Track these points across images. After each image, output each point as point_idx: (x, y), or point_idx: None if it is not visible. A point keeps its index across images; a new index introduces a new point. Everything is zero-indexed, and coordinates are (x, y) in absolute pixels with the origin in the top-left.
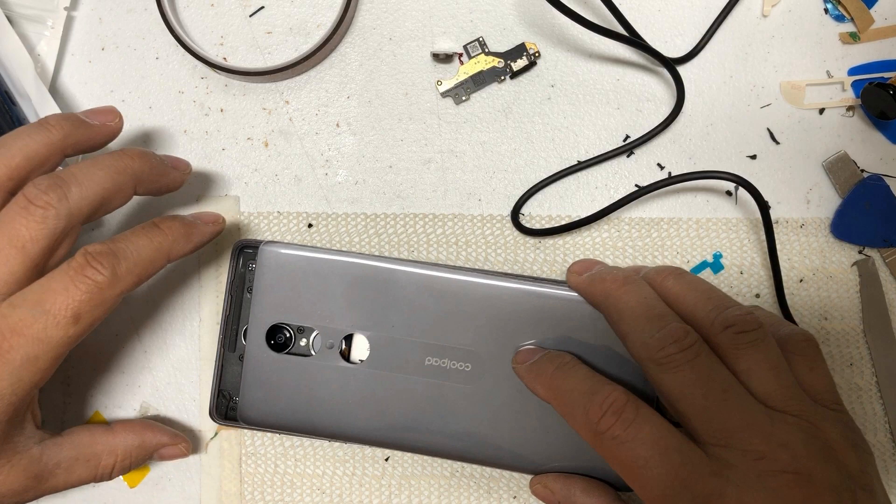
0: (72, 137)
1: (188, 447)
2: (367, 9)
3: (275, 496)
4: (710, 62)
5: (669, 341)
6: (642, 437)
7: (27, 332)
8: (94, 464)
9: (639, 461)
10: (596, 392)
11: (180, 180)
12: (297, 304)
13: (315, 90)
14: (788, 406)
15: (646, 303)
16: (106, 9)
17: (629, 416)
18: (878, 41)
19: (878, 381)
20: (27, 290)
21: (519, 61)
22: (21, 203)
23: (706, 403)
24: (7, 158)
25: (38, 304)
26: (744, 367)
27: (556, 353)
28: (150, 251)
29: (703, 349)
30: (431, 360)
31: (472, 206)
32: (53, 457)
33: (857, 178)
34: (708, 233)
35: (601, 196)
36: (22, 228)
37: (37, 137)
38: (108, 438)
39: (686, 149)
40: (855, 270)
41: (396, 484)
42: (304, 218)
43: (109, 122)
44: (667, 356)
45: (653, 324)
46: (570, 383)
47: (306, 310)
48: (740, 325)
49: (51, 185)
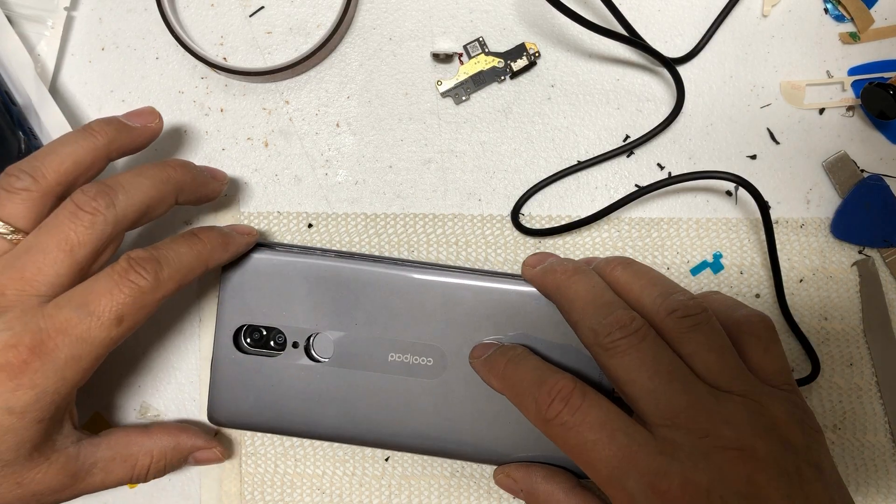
0: (116, 142)
1: (223, 452)
2: (367, 9)
3: (275, 496)
4: (710, 62)
5: (616, 327)
6: (589, 420)
7: (72, 331)
8: (131, 464)
9: (587, 444)
10: (544, 381)
11: (219, 190)
12: (262, 306)
13: (315, 90)
14: (733, 386)
15: (594, 291)
16: (106, 9)
17: (576, 401)
18: (878, 41)
19: (878, 381)
20: (72, 292)
21: (519, 61)
22: (70, 209)
23: (652, 385)
24: (56, 164)
25: (83, 305)
26: (688, 350)
27: (509, 346)
28: (190, 258)
29: (649, 333)
30: (395, 355)
31: (472, 206)
32: (90, 456)
33: (857, 178)
34: (708, 233)
35: (601, 196)
36: (71, 233)
37: (83, 143)
38: (144, 440)
39: (686, 149)
40: (855, 270)
41: (396, 484)
42: (304, 218)
43: (150, 123)
44: (613, 341)
45: (600, 311)
46: (520, 374)
47: (271, 311)
48: (683, 310)
49: (99, 192)
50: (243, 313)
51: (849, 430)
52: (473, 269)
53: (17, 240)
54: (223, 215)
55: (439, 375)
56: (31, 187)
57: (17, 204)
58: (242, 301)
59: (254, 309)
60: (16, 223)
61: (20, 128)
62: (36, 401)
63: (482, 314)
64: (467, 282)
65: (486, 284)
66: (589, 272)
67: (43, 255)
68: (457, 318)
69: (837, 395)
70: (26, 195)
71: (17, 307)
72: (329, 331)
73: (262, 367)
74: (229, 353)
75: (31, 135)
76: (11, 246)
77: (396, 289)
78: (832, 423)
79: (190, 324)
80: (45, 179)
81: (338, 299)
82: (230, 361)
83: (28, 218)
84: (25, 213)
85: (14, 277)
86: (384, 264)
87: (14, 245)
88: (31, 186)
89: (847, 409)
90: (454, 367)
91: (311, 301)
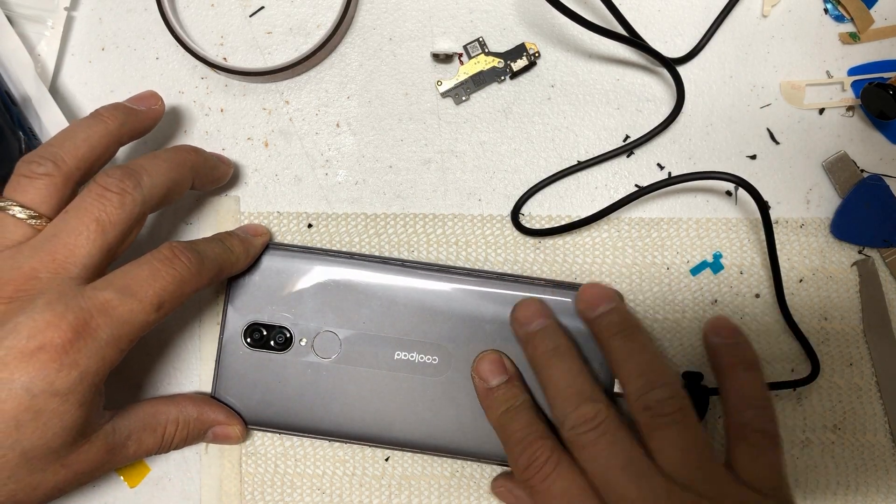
0: (126, 126)
1: (242, 431)
2: (367, 9)
3: (275, 496)
4: (710, 62)
5: (579, 421)
6: (554, 490)
7: (113, 313)
8: (160, 433)
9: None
10: (529, 444)
11: (227, 173)
12: (269, 304)
13: (315, 90)
14: (694, 483)
15: (566, 380)
16: (106, 9)
17: (547, 470)
18: (878, 41)
19: (878, 381)
20: (112, 276)
21: (519, 61)
22: (97, 191)
23: (606, 478)
24: (73, 149)
25: (126, 288)
26: (655, 446)
27: (511, 392)
28: (223, 259)
29: (610, 428)
30: (401, 354)
31: (472, 206)
32: (124, 430)
33: (856, 178)
34: (708, 233)
35: (601, 196)
36: (102, 213)
37: (96, 129)
38: (171, 408)
39: (686, 149)
40: (855, 270)
41: (396, 484)
42: (304, 218)
43: (154, 105)
44: (575, 435)
45: (569, 402)
46: (513, 427)
47: (279, 309)
48: (657, 409)
49: (125, 173)
50: (251, 311)
51: (849, 430)
52: (479, 271)
53: (39, 225)
54: (223, 215)
55: (444, 374)
56: (52, 172)
57: (39, 189)
58: (250, 299)
59: (261, 307)
60: (38, 208)
61: (20, 128)
62: (80, 381)
63: (487, 315)
64: (473, 283)
65: (491, 286)
66: (567, 353)
67: (74, 236)
68: (462, 319)
69: (837, 395)
70: (48, 180)
71: (52, 289)
72: (336, 329)
73: (270, 363)
74: (238, 349)
75: (31, 135)
76: (35, 231)
77: (403, 289)
78: (832, 423)
79: (190, 324)
80: (66, 164)
81: (345, 298)
82: (238, 357)
83: (50, 203)
84: (48, 198)
85: (45, 260)
86: (391, 265)
87: (37, 231)
88: (53, 171)
89: (847, 409)
90: (459, 366)
91: (318, 300)
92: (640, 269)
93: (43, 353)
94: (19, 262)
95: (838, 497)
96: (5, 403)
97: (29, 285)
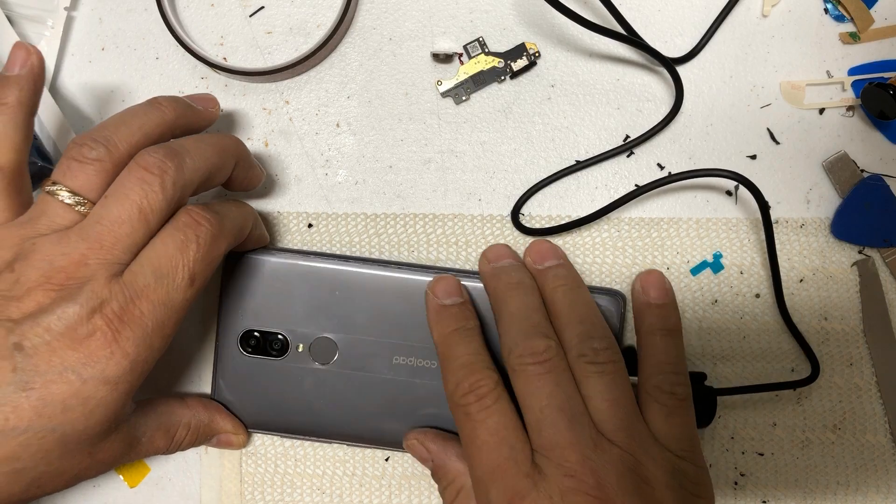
0: (182, 119)
1: (245, 440)
2: (367, 9)
3: (275, 496)
4: (710, 62)
5: (528, 352)
6: (489, 423)
7: (154, 297)
8: (171, 435)
9: (477, 441)
10: (473, 371)
11: (261, 178)
12: (265, 310)
13: (315, 90)
14: (617, 437)
15: (524, 311)
16: (106, 9)
17: (488, 402)
18: (878, 41)
19: (878, 381)
20: (143, 257)
21: (519, 61)
22: (138, 174)
23: (542, 415)
24: (127, 135)
25: (158, 269)
26: (587, 392)
27: (465, 313)
28: (241, 219)
29: (557, 367)
30: (399, 359)
31: (472, 206)
32: (142, 426)
33: (857, 178)
34: (708, 233)
35: (601, 196)
36: (144, 200)
37: (153, 116)
38: (184, 411)
39: (686, 149)
40: (855, 270)
41: (396, 484)
42: (304, 218)
43: (211, 108)
44: (522, 364)
45: (523, 332)
46: (459, 350)
47: (275, 315)
48: (591, 356)
49: (167, 154)
50: (245, 318)
51: (849, 430)
52: (475, 272)
53: (86, 212)
54: None
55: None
56: (104, 158)
57: (90, 175)
58: (245, 305)
59: (256, 313)
60: (87, 195)
61: None
62: (130, 370)
63: (484, 316)
64: (469, 284)
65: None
66: (529, 289)
67: (118, 224)
68: None
69: (837, 395)
70: (99, 166)
71: (100, 276)
72: (333, 334)
73: (267, 369)
74: (234, 355)
75: None
76: (80, 217)
77: (400, 292)
78: (832, 423)
79: (190, 325)
80: (118, 150)
81: (341, 303)
82: (235, 363)
83: (100, 189)
84: (98, 184)
85: (94, 248)
86: (387, 267)
87: (83, 217)
88: (105, 157)
89: (847, 409)
90: None
91: (313, 305)
92: (640, 269)
93: (93, 340)
94: (69, 248)
95: (838, 497)
96: (55, 385)
97: (80, 273)
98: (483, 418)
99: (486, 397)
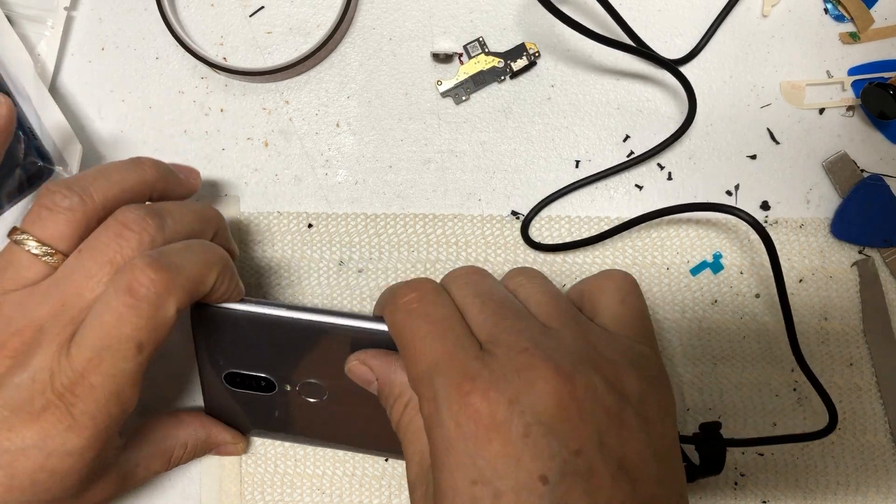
0: (161, 182)
1: (245, 447)
2: (367, 9)
3: (275, 496)
4: (710, 62)
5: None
6: (432, 314)
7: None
8: (167, 457)
9: (418, 335)
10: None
11: (236, 255)
12: (245, 357)
13: (315, 90)
14: (566, 325)
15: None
16: (106, 9)
17: (429, 296)
18: (878, 41)
19: (878, 381)
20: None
21: (519, 61)
22: (115, 229)
23: (483, 312)
24: (105, 188)
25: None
26: (523, 296)
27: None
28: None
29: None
30: None
31: (472, 206)
32: (134, 458)
33: (857, 178)
34: (708, 233)
35: (601, 196)
36: (116, 254)
37: (134, 173)
38: (179, 431)
39: (686, 148)
40: (855, 270)
41: (396, 484)
42: (304, 218)
43: (192, 179)
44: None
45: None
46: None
47: (256, 362)
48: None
49: (149, 212)
50: (226, 362)
51: (849, 430)
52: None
53: (55, 263)
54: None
55: None
56: (76, 207)
57: (60, 224)
58: (222, 352)
59: (236, 359)
60: (56, 245)
61: (20, 127)
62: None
63: None
64: None
65: None
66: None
67: (86, 279)
68: None
69: (837, 395)
70: (71, 215)
71: (52, 345)
72: (318, 380)
73: (257, 400)
74: (221, 389)
75: (31, 135)
76: (50, 270)
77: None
78: None
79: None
80: (93, 201)
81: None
82: (222, 394)
83: (70, 239)
84: (69, 234)
85: (55, 307)
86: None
87: (52, 269)
88: (78, 206)
89: (847, 409)
90: None
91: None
92: (640, 269)
93: (48, 414)
94: (29, 309)
95: (838, 497)
96: (19, 462)
97: (34, 338)
98: (425, 310)
99: (428, 292)
